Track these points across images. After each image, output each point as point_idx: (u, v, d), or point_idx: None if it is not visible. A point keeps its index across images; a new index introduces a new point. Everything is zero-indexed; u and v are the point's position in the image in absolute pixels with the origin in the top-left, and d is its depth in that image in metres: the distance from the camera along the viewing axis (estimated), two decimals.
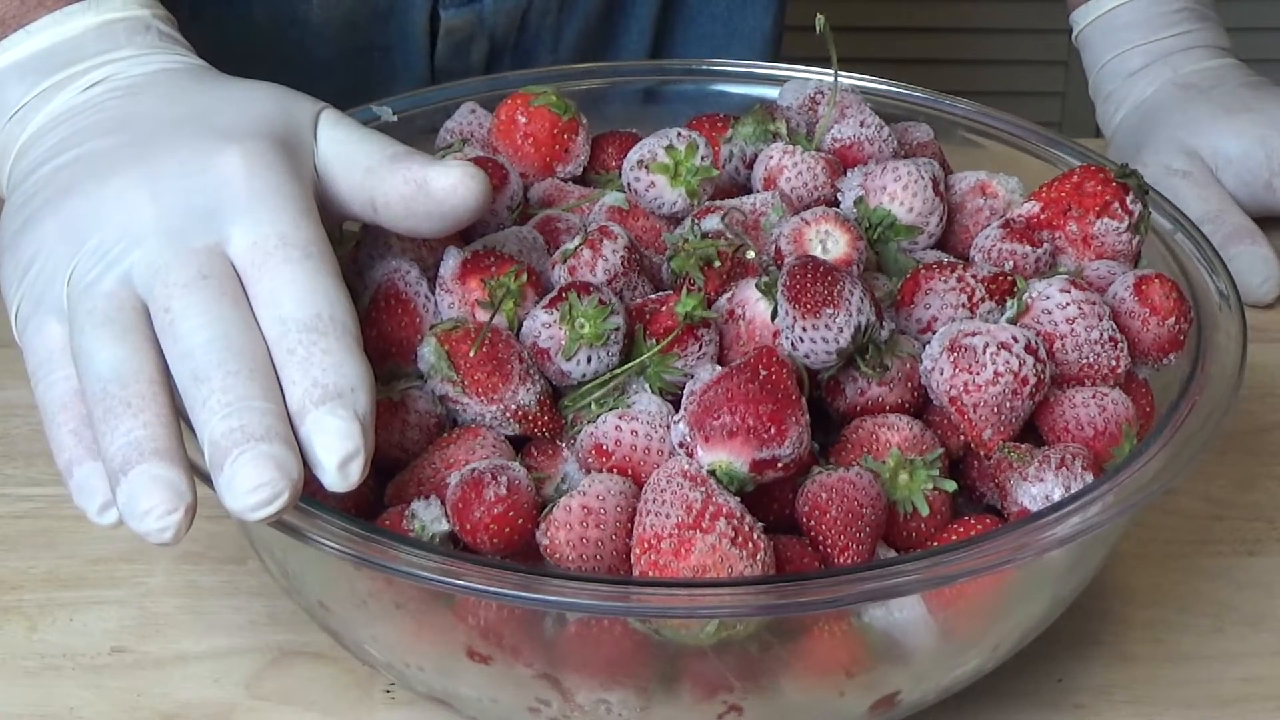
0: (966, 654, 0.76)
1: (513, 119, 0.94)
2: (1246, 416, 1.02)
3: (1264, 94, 1.19)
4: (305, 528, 0.69)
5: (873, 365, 0.77)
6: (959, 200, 0.90)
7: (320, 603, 0.77)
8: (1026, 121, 1.00)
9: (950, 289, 0.81)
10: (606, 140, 0.97)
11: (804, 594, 0.68)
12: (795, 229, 0.83)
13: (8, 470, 0.97)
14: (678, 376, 0.77)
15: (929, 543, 0.76)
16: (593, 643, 0.72)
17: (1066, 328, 0.79)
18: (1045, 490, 0.74)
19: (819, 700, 0.74)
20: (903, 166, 0.87)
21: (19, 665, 0.84)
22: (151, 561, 0.90)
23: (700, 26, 1.37)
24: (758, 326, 0.79)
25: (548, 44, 1.32)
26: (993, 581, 0.73)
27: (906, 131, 0.97)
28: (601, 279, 0.80)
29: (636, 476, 0.74)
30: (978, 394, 0.76)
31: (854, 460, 0.76)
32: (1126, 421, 0.78)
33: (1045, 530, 0.70)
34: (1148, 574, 0.90)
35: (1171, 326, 0.81)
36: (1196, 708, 0.82)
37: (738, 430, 0.72)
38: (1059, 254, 0.87)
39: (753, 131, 0.92)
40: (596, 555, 0.72)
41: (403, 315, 0.79)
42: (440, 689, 0.76)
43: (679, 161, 0.87)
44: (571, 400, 0.78)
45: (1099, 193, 0.86)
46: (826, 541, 0.73)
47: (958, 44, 2.63)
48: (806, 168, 0.89)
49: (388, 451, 0.77)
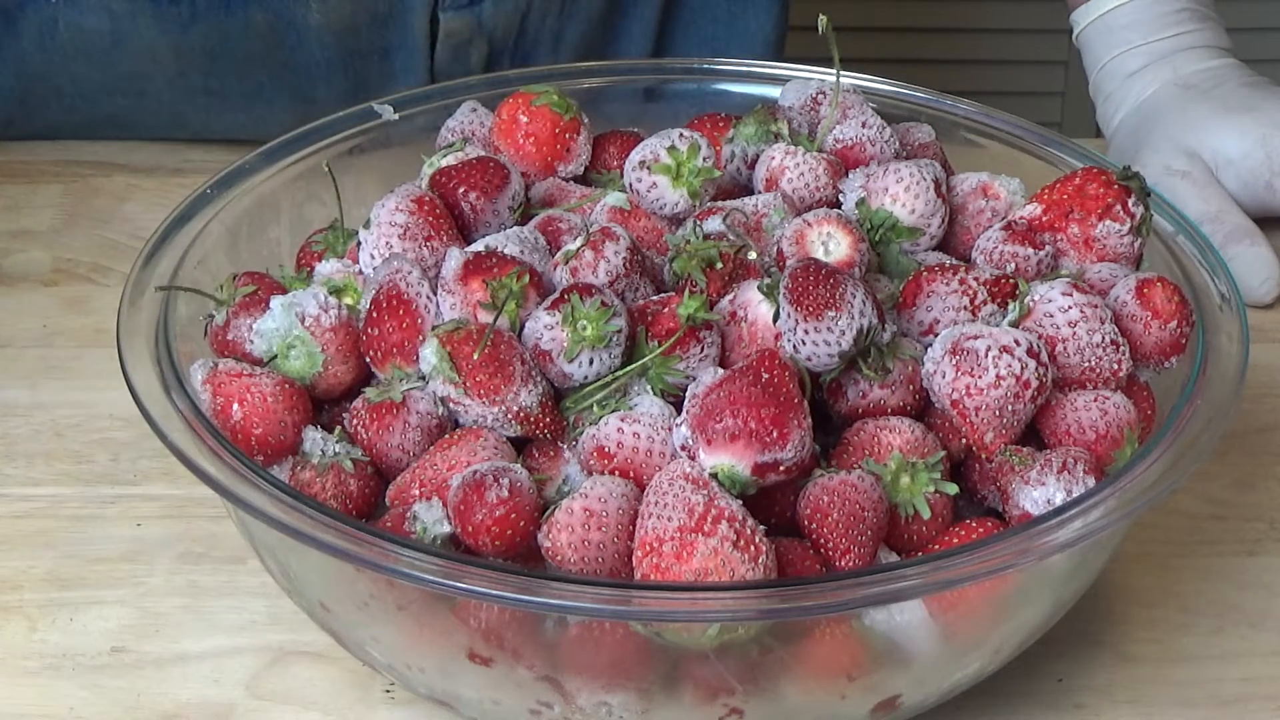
0: (968, 657, 0.76)
1: (514, 118, 0.94)
2: (1246, 416, 1.02)
3: (1264, 94, 1.19)
4: (308, 530, 0.69)
5: (875, 368, 0.77)
6: (960, 202, 0.90)
7: (321, 604, 0.77)
8: (1028, 122, 1.00)
9: (952, 291, 0.81)
10: (608, 140, 0.97)
11: (806, 598, 0.68)
12: (797, 230, 0.83)
13: (8, 470, 0.97)
14: (679, 378, 0.77)
15: (930, 546, 0.76)
16: (595, 645, 0.72)
17: (1069, 331, 0.79)
18: (1047, 494, 0.74)
19: (820, 703, 0.74)
20: (905, 168, 0.87)
21: (19, 665, 0.84)
22: (151, 561, 0.90)
23: (701, 28, 1.36)
24: (760, 329, 0.79)
25: (547, 47, 1.32)
26: (994, 585, 0.73)
27: (908, 132, 0.97)
28: (603, 280, 0.80)
29: (638, 479, 0.74)
30: (980, 397, 0.76)
31: (855, 463, 0.76)
32: (1128, 425, 0.78)
33: (1047, 535, 0.70)
34: (1148, 574, 0.90)
35: (1173, 330, 0.81)
36: (1197, 708, 0.82)
37: (740, 433, 0.72)
38: (1061, 256, 0.87)
39: (754, 132, 0.92)
40: (598, 558, 0.71)
41: (404, 316, 0.79)
42: (441, 690, 0.76)
43: (681, 162, 0.86)
44: (573, 402, 0.78)
45: (1101, 195, 0.86)
46: (828, 544, 0.73)
47: (958, 44, 2.62)
48: (809, 169, 0.89)
49: (388, 452, 0.77)
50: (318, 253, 0.91)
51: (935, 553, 0.72)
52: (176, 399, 0.76)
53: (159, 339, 0.80)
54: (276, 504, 0.70)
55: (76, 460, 0.98)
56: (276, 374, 0.79)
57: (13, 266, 1.16)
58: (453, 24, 1.27)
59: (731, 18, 1.36)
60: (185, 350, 0.82)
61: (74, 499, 0.95)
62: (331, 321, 0.81)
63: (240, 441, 0.77)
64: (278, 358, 0.80)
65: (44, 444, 0.99)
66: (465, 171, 0.87)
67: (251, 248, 0.92)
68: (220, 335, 0.84)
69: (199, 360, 0.79)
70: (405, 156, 0.97)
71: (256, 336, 0.81)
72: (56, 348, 1.07)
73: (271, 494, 0.70)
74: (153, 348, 0.79)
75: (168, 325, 0.81)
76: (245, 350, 0.82)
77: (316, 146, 0.97)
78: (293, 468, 0.77)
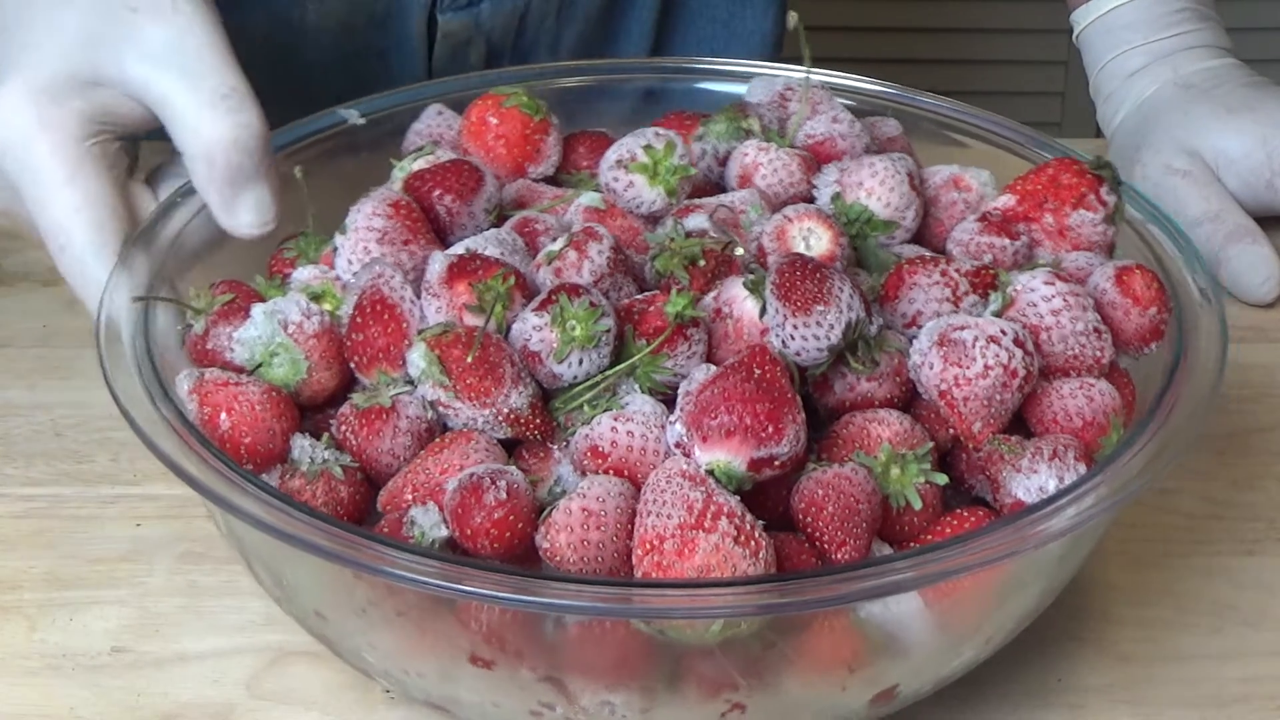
0: (964, 645, 0.76)
1: (484, 120, 0.94)
2: (1246, 416, 1.02)
3: (1265, 94, 1.19)
4: (310, 538, 0.68)
5: (864, 361, 0.78)
6: (933, 194, 0.90)
7: (316, 612, 0.76)
8: (992, 114, 1.01)
9: (934, 283, 0.81)
10: (577, 140, 0.97)
11: (811, 591, 0.68)
12: (778, 226, 0.83)
13: (8, 470, 0.97)
14: (667, 376, 0.77)
15: (923, 536, 0.76)
16: (598, 645, 0.71)
17: (1052, 319, 0.80)
18: (1039, 482, 0.75)
19: (821, 696, 0.74)
20: (879, 162, 0.87)
21: (19, 665, 0.84)
22: (151, 561, 0.90)
23: (700, 29, 1.36)
24: (745, 324, 0.79)
25: (546, 47, 1.31)
26: (992, 574, 0.73)
27: (874, 126, 0.97)
28: (588, 280, 0.80)
29: (633, 477, 0.74)
30: (968, 387, 0.76)
31: (845, 456, 0.77)
32: (1114, 411, 0.79)
33: (1043, 522, 0.71)
34: (1147, 574, 0.90)
35: (1153, 316, 0.82)
36: (1195, 708, 0.82)
37: (735, 429, 0.72)
38: (1035, 246, 0.87)
39: (725, 129, 0.92)
40: (598, 557, 0.71)
41: (389, 321, 0.79)
42: (439, 695, 0.76)
43: (657, 160, 0.87)
44: (562, 402, 0.78)
45: (1074, 185, 0.87)
46: (824, 538, 0.74)
47: (958, 44, 2.62)
48: (782, 164, 0.90)
49: (379, 458, 0.77)
50: (290, 259, 0.91)
51: (938, 542, 0.72)
52: (164, 410, 0.75)
53: (141, 350, 0.79)
54: (277, 514, 0.69)
55: (76, 460, 0.98)
56: (263, 382, 0.79)
57: (13, 266, 1.15)
58: (450, 25, 1.27)
59: (730, 18, 1.36)
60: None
61: (74, 499, 0.95)
62: (314, 328, 0.80)
63: (230, 450, 0.76)
64: (262, 366, 0.80)
65: (44, 444, 0.99)
66: (440, 175, 0.87)
67: (222, 256, 0.91)
68: (199, 345, 0.83)
69: (184, 370, 0.79)
70: (372, 161, 0.97)
71: (238, 345, 0.81)
72: (56, 348, 1.07)
73: (272, 504, 0.70)
74: (135, 359, 0.79)
75: (148, 336, 0.80)
76: (226, 359, 0.82)
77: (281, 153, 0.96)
78: (281, 476, 0.77)
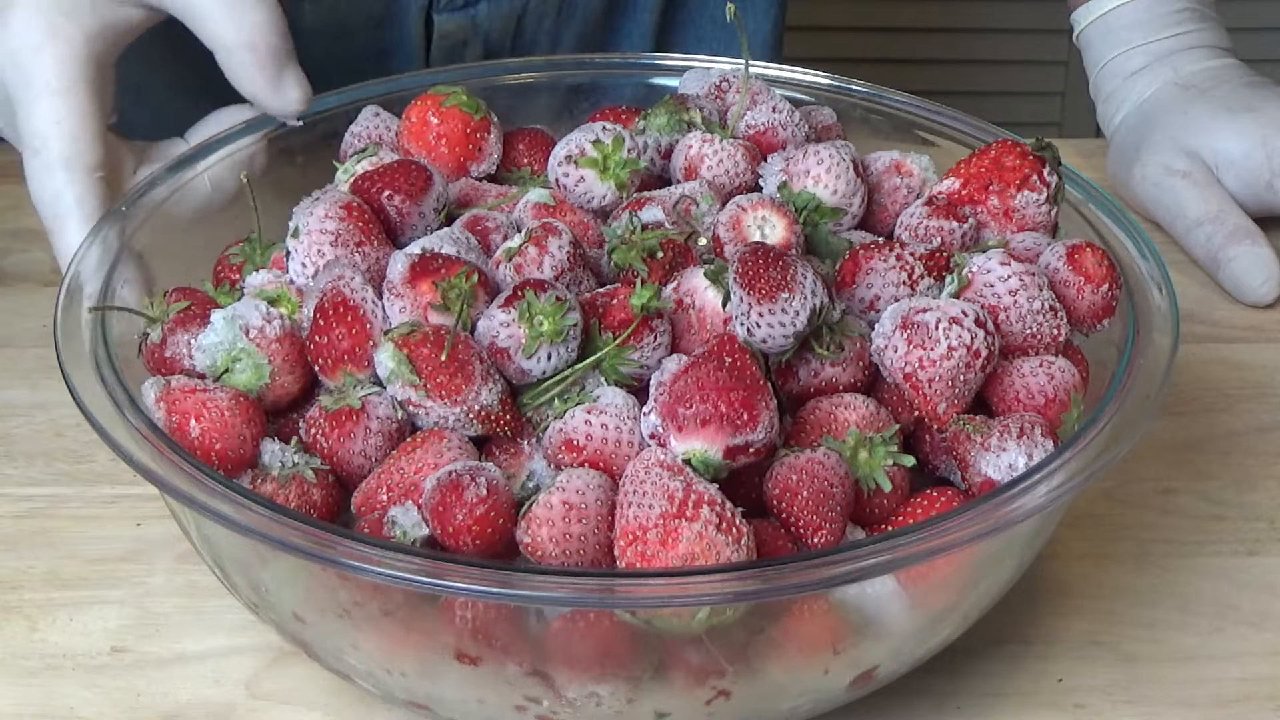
0: (940, 624, 0.77)
1: (424, 120, 0.94)
2: (1246, 416, 1.03)
3: (1265, 94, 1.20)
4: (294, 540, 0.68)
5: (828, 346, 0.78)
6: (875, 180, 0.91)
7: (295, 615, 0.76)
8: (920, 99, 1.02)
9: (891, 268, 0.82)
10: (516, 137, 0.97)
11: (795, 576, 0.68)
12: (733, 216, 0.84)
13: (8, 470, 0.96)
14: (634, 369, 0.78)
15: (895, 517, 0.77)
16: (584, 637, 0.72)
17: (1009, 299, 0.81)
18: (1009, 460, 0.76)
19: (804, 679, 0.75)
20: (824, 150, 0.88)
21: (19, 665, 0.83)
22: (151, 561, 0.90)
23: (700, 29, 1.36)
24: (708, 314, 0.79)
25: (545, 48, 1.31)
26: (968, 552, 0.74)
27: (810, 115, 0.98)
28: (549, 275, 0.80)
29: (608, 469, 0.75)
30: (932, 369, 0.77)
31: (814, 441, 0.77)
32: (1075, 388, 0.80)
33: (1019, 499, 0.72)
34: (1148, 574, 0.91)
35: (1105, 293, 0.84)
36: (1197, 708, 0.83)
37: (710, 418, 0.73)
38: (982, 228, 0.88)
39: (666, 122, 0.93)
40: (580, 550, 0.72)
41: (352, 322, 0.78)
42: (422, 694, 0.75)
43: (607, 155, 0.87)
44: (531, 398, 0.78)
45: (1018, 167, 0.88)
46: (799, 523, 0.74)
47: (958, 44, 2.61)
48: (727, 155, 0.90)
49: (350, 459, 0.77)
50: (237, 265, 0.90)
51: (919, 522, 0.73)
52: (134, 419, 0.74)
53: (101, 360, 0.79)
54: (262, 519, 0.69)
55: (76, 460, 0.97)
56: (229, 388, 0.78)
57: (13, 266, 1.15)
58: (447, 25, 1.26)
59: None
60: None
61: (74, 499, 0.94)
62: (276, 332, 0.80)
63: (201, 457, 0.75)
64: (226, 372, 0.79)
65: (44, 444, 0.98)
66: (388, 175, 0.87)
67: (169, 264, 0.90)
68: (157, 353, 0.82)
69: (150, 379, 0.78)
70: (307, 165, 0.97)
71: (199, 352, 0.80)
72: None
73: (256, 509, 0.69)
74: (97, 369, 0.78)
75: (108, 345, 0.80)
76: (185, 366, 0.81)
77: (217, 157, 0.96)
78: (253, 481, 0.76)
